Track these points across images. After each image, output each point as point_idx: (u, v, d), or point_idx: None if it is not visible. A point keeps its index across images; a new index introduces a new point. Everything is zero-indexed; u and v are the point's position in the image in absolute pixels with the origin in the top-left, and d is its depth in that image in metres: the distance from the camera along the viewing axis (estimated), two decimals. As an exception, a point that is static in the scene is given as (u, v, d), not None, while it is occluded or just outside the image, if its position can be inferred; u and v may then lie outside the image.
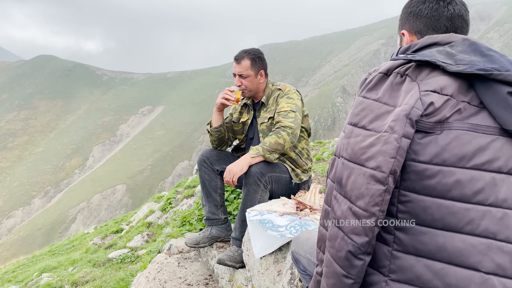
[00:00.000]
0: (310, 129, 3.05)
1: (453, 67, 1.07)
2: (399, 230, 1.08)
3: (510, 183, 1.03)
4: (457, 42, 1.16)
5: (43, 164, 77.87)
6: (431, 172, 1.04)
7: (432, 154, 1.04)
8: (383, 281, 1.09)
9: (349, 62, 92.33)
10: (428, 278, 1.04)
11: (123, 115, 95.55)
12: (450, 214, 1.03)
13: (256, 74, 2.91)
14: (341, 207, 1.12)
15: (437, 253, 1.04)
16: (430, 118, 1.05)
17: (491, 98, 1.04)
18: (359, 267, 1.08)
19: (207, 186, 3.01)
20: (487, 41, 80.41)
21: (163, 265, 3.31)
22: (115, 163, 74.85)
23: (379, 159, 1.05)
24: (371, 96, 1.16)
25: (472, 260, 1.01)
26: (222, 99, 2.89)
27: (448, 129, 1.05)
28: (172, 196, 8.23)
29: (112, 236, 8.27)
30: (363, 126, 1.13)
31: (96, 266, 5.66)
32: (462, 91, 1.07)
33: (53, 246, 10.69)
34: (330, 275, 1.13)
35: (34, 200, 67.81)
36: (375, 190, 1.04)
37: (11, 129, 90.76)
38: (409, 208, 1.07)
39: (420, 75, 1.11)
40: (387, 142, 1.04)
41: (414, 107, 1.05)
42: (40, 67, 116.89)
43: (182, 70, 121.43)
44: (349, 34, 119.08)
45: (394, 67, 1.17)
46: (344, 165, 1.13)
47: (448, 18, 1.27)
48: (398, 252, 1.08)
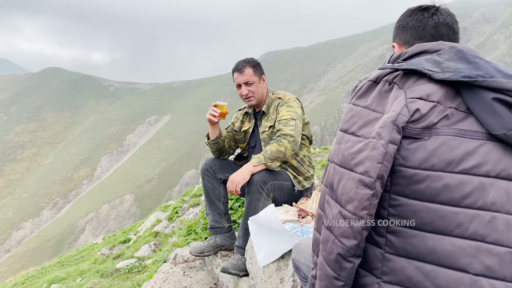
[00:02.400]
0: (312, 136, 3.07)
1: (439, 74, 1.09)
2: (391, 233, 1.10)
3: (498, 187, 1.05)
4: (444, 50, 1.19)
5: (52, 175, 78.46)
6: (419, 177, 1.06)
7: (421, 159, 1.06)
8: (375, 283, 1.11)
9: (354, 68, 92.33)
10: (419, 279, 1.06)
11: (130, 125, 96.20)
12: (440, 218, 1.05)
13: (260, 79, 2.97)
14: (332, 211, 1.14)
15: (428, 256, 1.05)
16: (417, 124, 1.07)
17: (477, 104, 1.06)
18: (348, 269, 1.11)
19: (210, 194, 3.03)
20: (493, 44, 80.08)
21: (168, 274, 3.33)
22: (122, 173, 75.25)
23: (367, 164, 1.07)
24: (360, 103, 1.19)
25: (461, 262, 1.03)
26: (209, 115, 2.94)
27: (436, 134, 1.07)
28: (179, 205, 8.26)
29: (120, 246, 8.31)
30: (352, 132, 1.16)
31: (104, 276, 5.69)
32: (449, 97, 1.09)
33: (62, 257, 10.76)
34: (322, 278, 1.15)
35: (43, 212, 68.25)
36: (363, 194, 1.07)
37: (20, 141, 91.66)
38: (399, 211, 1.09)
39: (407, 82, 1.13)
40: (375, 148, 1.07)
41: (400, 114, 1.07)
42: (48, 80, 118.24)
43: (188, 80, 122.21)
44: (353, 39, 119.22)
45: (383, 75, 1.20)
46: (335, 170, 1.17)
47: (433, 26, 1.31)
48: (389, 255, 1.10)
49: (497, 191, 1.05)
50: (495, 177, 1.05)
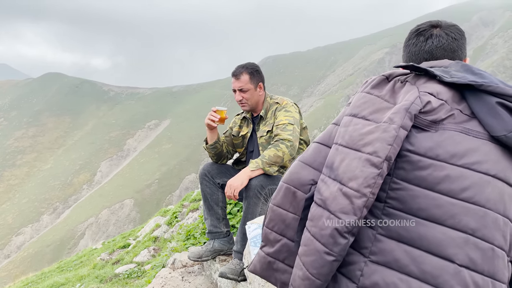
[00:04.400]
0: (309, 141, 3.08)
1: (447, 78, 1.18)
2: (386, 215, 1.15)
3: (494, 186, 1.11)
4: (451, 63, 1.28)
5: (52, 180, 78.36)
6: (424, 164, 1.12)
7: (427, 147, 1.13)
8: (362, 262, 1.15)
9: (354, 72, 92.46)
10: (405, 263, 1.10)
11: (130, 129, 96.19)
12: (436, 206, 1.10)
13: (256, 87, 2.97)
14: (329, 189, 1.18)
15: (418, 241, 1.10)
16: (427, 116, 1.15)
17: (481, 107, 1.14)
18: (342, 245, 1.13)
19: (208, 199, 3.04)
20: (492, 47, 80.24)
21: (167, 279, 3.33)
22: (122, 177, 75.14)
23: (376, 145, 1.12)
24: (374, 92, 1.26)
25: (449, 251, 1.08)
26: (208, 120, 2.94)
27: (443, 129, 1.14)
28: (178, 210, 8.25)
29: (119, 251, 8.29)
30: (363, 116, 1.22)
31: (103, 282, 5.68)
32: (456, 100, 1.17)
33: (61, 263, 10.72)
34: (309, 253, 1.17)
35: (43, 217, 68.09)
36: (369, 172, 1.11)
37: (20, 146, 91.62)
38: (398, 195, 1.14)
39: (418, 81, 1.22)
40: (386, 131, 1.13)
41: (413, 103, 1.14)
42: (48, 85, 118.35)
43: (188, 84, 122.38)
44: (352, 43, 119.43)
45: (395, 74, 1.29)
46: (338, 150, 1.21)
47: (426, 51, 1.38)
48: (381, 236, 1.14)
49: (493, 189, 1.11)
50: (493, 176, 1.11)
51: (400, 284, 1.09)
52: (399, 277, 1.10)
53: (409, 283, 1.09)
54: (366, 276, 1.13)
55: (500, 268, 1.10)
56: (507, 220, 1.12)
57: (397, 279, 1.10)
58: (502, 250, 1.11)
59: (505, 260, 1.12)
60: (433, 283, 1.07)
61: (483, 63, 70.78)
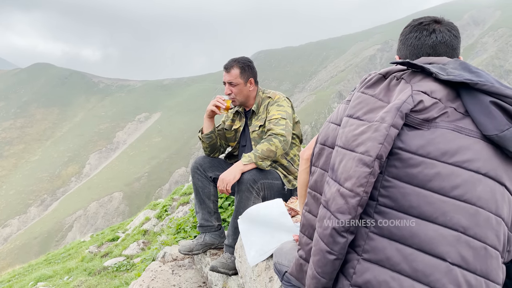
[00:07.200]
0: (302, 135, 3.07)
1: (443, 76, 1.18)
2: (378, 213, 1.15)
3: (485, 184, 1.10)
4: (449, 61, 1.27)
5: (40, 172, 77.59)
6: (414, 161, 1.12)
7: (418, 145, 1.13)
8: (355, 259, 1.16)
9: (345, 68, 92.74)
10: (397, 261, 1.10)
11: (120, 122, 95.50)
12: (427, 204, 1.10)
13: (246, 82, 2.94)
14: (331, 190, 1.20)
15: (409, 239, 1.10)
16: (419, 115, 1.15)
17: (475, 106, 1.14)
18: (341, 244, 1.15)
19: (200, 193, 3.02)
20: (482, 46, 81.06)
21: (157, 273, 3.31)
22: (112, 170, 74.67)
23: (368, 144, 1.14)
24: (368, 92, 1.27)
25: (440, 249, 1.07)
26: (212, 106, 2.92)
27: (435, 127, 1.14)
28: (168, 204, 8.22)
29: (108, 244, 8.24)
30: (357, 117, 1.23)
31: (91, 274, 5.64)
32: (450, 98, 1.17)
33: (49, 255, 10.63)
34: (316, 252, 1.21)
35: (31, 209, 67.49)
36: (362, 172, 1.13)
37: (7, 137, 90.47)
38: (390, 193, 1.14)
39: (413, 79, 1.22)
40: (377, 130, 1.14)
41: (405, 102, 1.15)
42: (36, 75, 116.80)
43: (179, 77, 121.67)
44: (344, 39, 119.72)
45: (393, 71, 1.29)
46: (338, 152, 1.23)
47: (430, 46, 1.38)
48: (373, 234, 1.15)
49: (484, 188, 1.10)
50: (484, 175, 1.11)
51: (391, 282, 1.09)
52: (391, 275, 1.10)
53: (401, 281, 1.09)
54: (359, 274, 1.14)
55: (493, 268, 1.09)
56: (499, 219, 1.11)
57: (389, 277, 1.10)
58: (496, 250, 1.10)
59: (499, 261, 1.11)
60: (425, 281, 1.07)
61: (473, 61, 71.44)
